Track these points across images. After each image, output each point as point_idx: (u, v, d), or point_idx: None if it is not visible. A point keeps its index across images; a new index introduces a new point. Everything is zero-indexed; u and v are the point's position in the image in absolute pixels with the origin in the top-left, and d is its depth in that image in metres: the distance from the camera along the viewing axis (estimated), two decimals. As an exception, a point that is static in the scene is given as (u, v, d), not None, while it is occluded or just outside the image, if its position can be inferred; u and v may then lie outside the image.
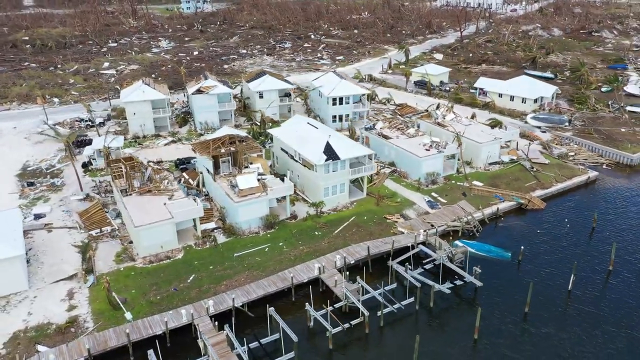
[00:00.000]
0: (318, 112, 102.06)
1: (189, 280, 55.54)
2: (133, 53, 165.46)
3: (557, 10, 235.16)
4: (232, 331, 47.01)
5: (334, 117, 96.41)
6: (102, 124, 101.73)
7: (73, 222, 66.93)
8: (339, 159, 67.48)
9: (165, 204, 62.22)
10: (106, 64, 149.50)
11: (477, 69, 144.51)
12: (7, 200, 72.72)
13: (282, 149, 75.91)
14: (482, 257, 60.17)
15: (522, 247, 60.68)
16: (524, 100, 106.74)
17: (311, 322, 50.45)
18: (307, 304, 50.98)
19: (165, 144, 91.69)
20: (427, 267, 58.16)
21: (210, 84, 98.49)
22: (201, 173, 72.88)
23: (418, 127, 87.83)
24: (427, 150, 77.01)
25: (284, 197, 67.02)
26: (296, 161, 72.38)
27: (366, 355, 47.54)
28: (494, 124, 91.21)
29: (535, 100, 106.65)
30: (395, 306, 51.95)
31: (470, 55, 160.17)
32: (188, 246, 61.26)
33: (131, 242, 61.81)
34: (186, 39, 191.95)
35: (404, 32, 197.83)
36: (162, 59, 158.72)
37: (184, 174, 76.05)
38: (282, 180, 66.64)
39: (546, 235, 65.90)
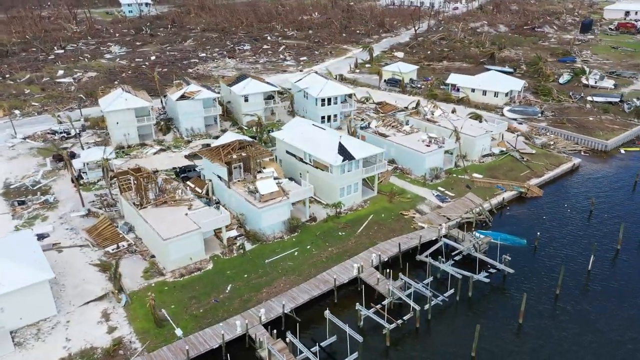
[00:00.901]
0: (304, 113, 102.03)
1: (227, 291, 54.34)
2: (85, 60, 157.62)
3: (496, 7, 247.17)
4: (296, 337, 46.56)
5: (323, 117, 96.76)
6: (77, 135, 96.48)
7: (82, 240, 63.42)
8: (354, 158, 68.13)
9: (186, 214, 60.43)
10: (61, 72, 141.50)
11: (439, 66, 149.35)
12: (0, 222, 67.76)
13: (287, 152, 75.42)
14: (501, 245, 62.79)
15: (539, 233, 63.98)
16: (496, 94, 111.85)
17: (361, 321, 50.87)
18: (357, 303, 51.39)
19: (155, 153, 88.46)
20: (456, 258, 60.03)
21: (195, 89, 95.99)
22: (210, 181, 71.10)
23: (407, 124, 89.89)
24: (427, 146, 79.20)
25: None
26: (306, 163, 72.22)
27: (425, 348, 48.65)
28: (474, 118, 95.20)
29: (506, 94, 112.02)
30: (439, 298, 53.35)
31: (429, 52, 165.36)
32: (215, 256, 59.80)
33: (153, 256, 59.50)
34: (137, 43, 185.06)
35: (358, 31, 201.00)
36: (118, 65, 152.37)
37: (189, 182, 73.86)
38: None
39: (552, 221, 69.80)
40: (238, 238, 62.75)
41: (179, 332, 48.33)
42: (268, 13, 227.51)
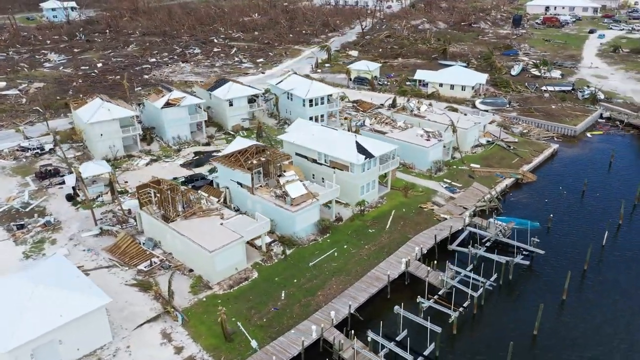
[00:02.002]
0: (288, 115, 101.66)
1: (282, 298, 53.69)
2: (25, 69, 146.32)
3: (427, 5, 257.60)
4: (379, 335, 47.06)
5: (311, 118, 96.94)
6: (52, 150, 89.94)
7: (106, 260, 59.75)
8: (373, 156, 69.31)
9: (221, 224, 58.82)
10: (2, 84, 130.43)
11: (395, 63, 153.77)
12: (3, 249, 62.18)
13: (297, 154, 75.03)
14: (517, 228, 66.74)
15: (551, 215, 68.58)
16: (463, 88, 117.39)
17: (421, 313, 52.23)
18: (418, 296, 52.75)
19: (147, 164, 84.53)
20: (487, 245, 63.02)
21: (179, 96, 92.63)
22: (227, 188, 69.35)
23: (394, 120, 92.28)
24: (427, 140, 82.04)
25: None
26: (320, 164, 72.39)
27: (488, 331, 50.93)
28: (451, 111, 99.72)
29: (472, 87, 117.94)
30: (487, 283, 55.83)
31: (380, 50, 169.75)
32: (256, 264, 58.70)
33: (191, 270, 57.35)
34: (75, 50, 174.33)
35: (304, 31, 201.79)
36: (63, 74, 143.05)
37: (200, 191, 71.46)
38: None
39: (554, 203, 74.95)
40: (273, 244, 61.89)
41: (254, 344, 47.20)
42: (207, 15, 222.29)
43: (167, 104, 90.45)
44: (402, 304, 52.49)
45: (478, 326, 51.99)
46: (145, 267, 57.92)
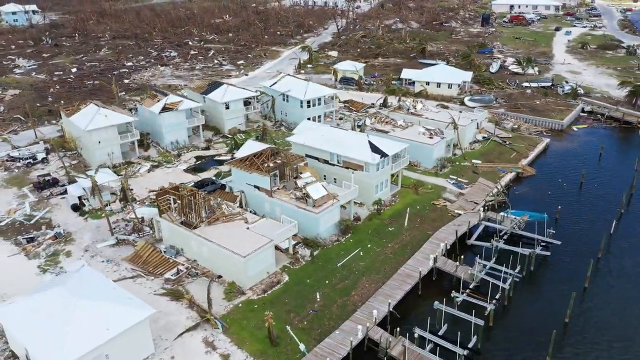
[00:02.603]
0: (283, 117, 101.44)
1: (318, 299, 53.76)
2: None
3: (396, 5, 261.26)
4: (426, 330, 47.79)
5: (309, 119, 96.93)
6: (44, 159, 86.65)
7: (128, 270, 58.23)
8: (387, 155, 70.12)
9: (248, 228, 58.32)
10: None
11: (377, 63, 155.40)
12: (16, 263, 59.70)
13: (307, 155, 74.92)
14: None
15: (560, 207, 71.12)
16: (450, 86, 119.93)
17: (455, 307, 53.31)
18: (453, 291, 53.79)
19: (149, 170, 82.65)
20: (504, 238, 64.82)
21: (176, 100, 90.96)
22: (242, 192, 68.70)
23: (393, 119, 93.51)
24: (430, 137, 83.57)
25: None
26: (333, 165, 72.64)
27: (521, 321, 52.44)
28: (442, 108, 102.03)
29: (458, 85, 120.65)
30: (514, 276, 57.39)
31: (359, 50, 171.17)
32: (284, 267, 58.49)
33: (220, 276, 56.61)
34: (44, 55, 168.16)
35: (278, 32, 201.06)
36: (37, 80, 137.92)
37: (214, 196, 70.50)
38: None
39: (556, 195, 77.74)
40: (297, 246, 61.74)
41: (302, 347, 47.10)
42: (177, 17, 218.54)
43: (165, 109, 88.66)
44: (436, 299, 53.73)
45: (511, 317, 53.46)
46: (172, 275, 56.80)
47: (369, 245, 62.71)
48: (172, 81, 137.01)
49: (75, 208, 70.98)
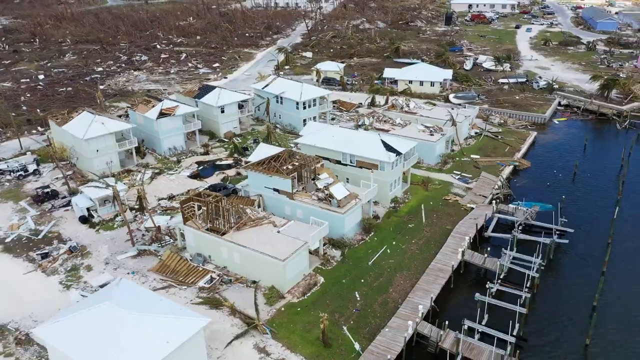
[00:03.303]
0: (276, 119, 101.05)
1: (358, 298, 54.22)
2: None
3: (357, 5, 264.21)
4: (476, 322, 49.07)
5: (304, 120, 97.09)
6: (36, 171, 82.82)
7: (158, 281, 56.75)
8: (401, 154, 71.28)
9: (278, 231, 58.06)
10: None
11: (353, 62, 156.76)
12: (35, 281, 57.00)
13: (318, 157, 74.94)
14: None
15: (564, 196, 74.36)
16: (432, 84, 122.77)
17: (490, 296, 54.95)
18: (488, 282, 55.43)
19: (152, 178, 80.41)
20: (519, 229, 67.27)
21: (171, 105, 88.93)
22: (259, 196, 68.11)
23: (390, 118, 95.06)
24: (431, 135, 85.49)
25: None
26: (345, 165, 73.07)
27: (552, 307, 54.53)
28: (430, 105, 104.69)
29: (440, 83, 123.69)
30: (537, 263, 59.48)
31: (332, 50, 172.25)
32: (316, 268, 58.56)
33: (254, 281, 56.07)
34: (4, 62, 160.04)
35: (247, 34, 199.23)
36: (2, 87, 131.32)
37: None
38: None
39: (555, 185, 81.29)
40: (324, 247, 61.88)
41: (357, 346, 47.43)
42: (141, 20, 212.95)
43: (161, 114, 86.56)
44: (466, 290, 55.61)
45: (543, 303, 55.55)
46: (205, 283, 55.77)
47: (393, 243, 63.64)
48: (149, 86, 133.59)
49: (84, 220, 68.34)
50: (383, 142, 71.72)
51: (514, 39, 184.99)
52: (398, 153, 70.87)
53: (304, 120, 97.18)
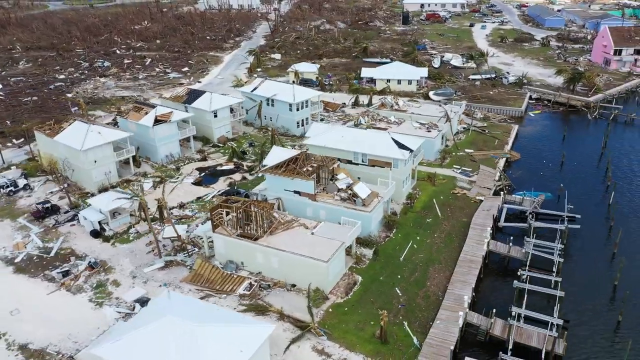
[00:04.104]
0: (267, 122, 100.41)
1: (400, 294, 55.23)
2: None
3: (312, 6, 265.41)
4: (522, 307, 51.11)
5: (297, 122, 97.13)
6: (27, 185, 78.33)
7: (193, 292, 55.33)
8: (412, 151, 72.86)
9: (312, 233, 58.13)
10: None
11: (322, 63, 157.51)
12: (62, 301, 54.20)
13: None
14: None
15: (562, 185, 78.44)
16: (410, 82, 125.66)
17: (522, 281, 57.34)
18: (520, 269, 57.92)
19: (154, 187, 77.93)
20: (530, 217, 70.51)
21: (166, 111, 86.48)
22: (278, 199, 67.62)
23: (385, 117, 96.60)
24: (428, 131, 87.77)
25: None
26: (357, 164, 73.80)
27: (578, 289, 57.32)
28: (413, 102, 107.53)
29: (417, 81, 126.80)
30: (559, 248, 62.59)
31: (299, 52, 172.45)
32: (352, 267, 59.03)
33: (294, 285, 55.87)
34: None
35: (208, 37, 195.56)
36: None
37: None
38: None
39: (548, 175, 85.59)
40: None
41: (415, 340, 48.33)
42: (94, 25, 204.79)
43: (157, 121, 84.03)
44: (495, 278, 58.18)
45: (569, 286, 58.29)
46: (245, 290, 54.95)
47: (417, 238, 65.09)
48: (120, 92, 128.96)
49: (96, 234, 65.43)
50: (396, 140, 73.01)
51: (472, 37, 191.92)
52: (410, 150, 72.41)
53: (297, 122, 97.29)
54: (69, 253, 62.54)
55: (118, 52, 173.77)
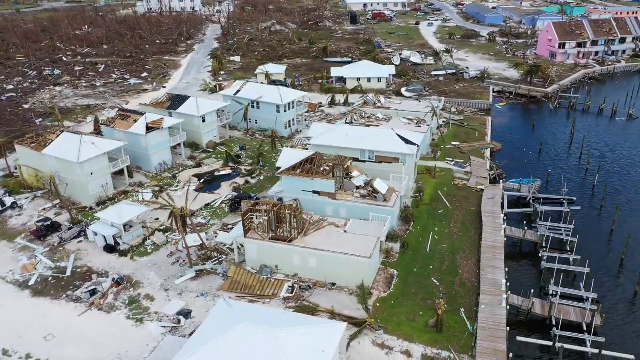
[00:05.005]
0: (254, 124, 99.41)
1: (437, 283, 56.99)
2: None
3: (255, 8, 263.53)
4: (559, 285, 54.28)
5: (285, 124, 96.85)
6: (14, 204, 73.05)
7: (235, 299, 54.22)
8: (418, 145, 75.00)
9: (345, 231, 58.72)
10: None
11: (284, 64, 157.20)
12: (98, 321, 51.38)
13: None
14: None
15: (550, 170, 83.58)
16: (379, 80, 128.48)
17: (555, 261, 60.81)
18: (540, 250, 61.39)
19: (157, 197, 75.12)
20: (531, 202, 74.71)
21: (156, 118, 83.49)
22: (296, 200, 67.40)
23: (372, 114, 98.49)
24: (418, 127, 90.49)
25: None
26: (363, 161, 74.92)
27: (591, 262, 61.49)
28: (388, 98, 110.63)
29: (386, 78, 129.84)
30: (567, 230, 66.90)
31: (256, 53, 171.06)
32: (384, 262, 60.13)
33: (333, 284, 56.23)
34: None
35: (158, 41, 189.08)
36: None
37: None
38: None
39: (532, 162, 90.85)
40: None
41: (470, 327, 50.13)
42: (31, 32, 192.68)
43: (149, 129, 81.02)
44: (515, 261, 61.73)
45: (587, 262, 62.14)
46: (287, 293, 54.58)
47: (436, 229, 67.23)
48: (82, 101, 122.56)
49: (111, 249, 62.36)
50: (401, 136, 74.80)
51: (421, 35, 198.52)
52: (417, 145, 74.49)
53: (285, 124, 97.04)
54: (86, 271, 59.24)
55: (65, 59, 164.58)
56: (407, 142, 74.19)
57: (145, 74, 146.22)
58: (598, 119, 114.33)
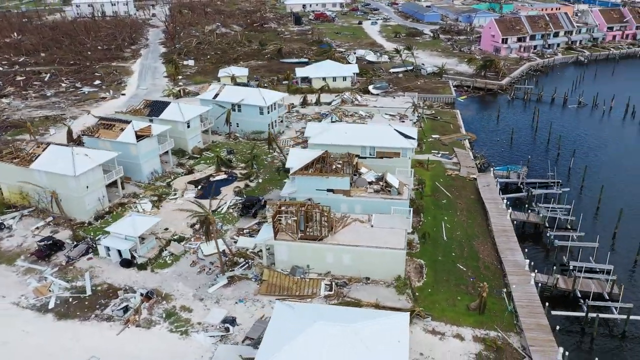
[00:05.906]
0: (236, 127, 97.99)
1: (464, 269, 59.52)
2: None
3: (191, 11, 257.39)
4: (577, 261, 58.27)
5: (269, 125, 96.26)
6: (2, 225, 67.71)
7: (274, 302, 53.77)
8: (416, 139, 77.40)
9: (372, 226, 59.89)
10: None
11: (243, 66, 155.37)
12: (139, 338, 49.29)
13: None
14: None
15: (530, 157, 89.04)
16: (344, 79, 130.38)
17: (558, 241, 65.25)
18: (549, 230, 65.68)
19: (158, 207, 72.45)
20: (522, 187, 79.40)
21: (144, 125, 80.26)
22: (309, 200, 67.58)
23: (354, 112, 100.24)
24: (402, 122, 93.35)
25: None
26: (364, 157, 76.29)
27: (599, 236, 66.49)
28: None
29: (350, 77, 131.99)
30: (564, 210, 71.81)
31: (209, 57, 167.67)
32: (408, 252, 61.76)
33: (367, 278, 57.25)
34: None
35: (99, 47, 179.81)
36: None
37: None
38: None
39: (508, 150, 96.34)
40: (397, 234, 65.12)
41: (509, 307, 52.87)
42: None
43: (139, 136, 77.83)
44: (525, 241, 65.48)
45: (586, 237, 67.12)
46: (327, 291, 54.86)
47: (445, 218, 69.92)
48: (36, 113, 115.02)
49: (128, 264, 59.59)
50: (399, 131, 76.86)
51: (367, 34, 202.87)
52: (415, 139, 76.84)
53: (269, 125, 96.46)
54: (107, 288, 56.29)
55: (0, 68, 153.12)
56: (406, 136, 76.38)
57: (97, 82, 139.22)
58: (552, 107, 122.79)
